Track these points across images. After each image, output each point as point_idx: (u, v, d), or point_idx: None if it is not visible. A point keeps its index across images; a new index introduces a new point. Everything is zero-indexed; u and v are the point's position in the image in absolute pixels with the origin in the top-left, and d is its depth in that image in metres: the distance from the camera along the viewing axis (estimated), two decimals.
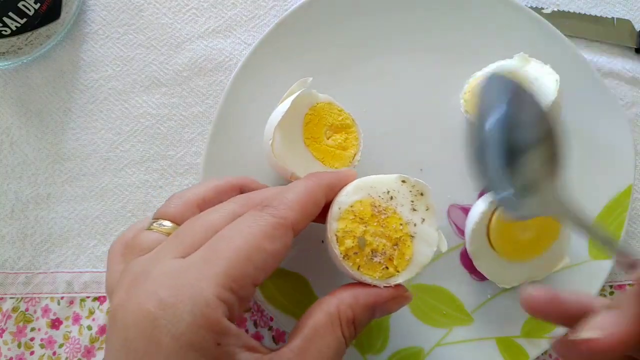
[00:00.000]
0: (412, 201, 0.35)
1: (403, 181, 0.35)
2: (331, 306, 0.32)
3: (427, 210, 0.35)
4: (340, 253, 0.33)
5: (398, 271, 0.34)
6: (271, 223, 0.30)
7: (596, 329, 0.25)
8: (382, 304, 0.34)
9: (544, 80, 0.40)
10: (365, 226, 0.34)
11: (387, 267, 0.34)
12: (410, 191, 0.35)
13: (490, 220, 0.39)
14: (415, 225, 0.35)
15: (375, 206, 0.34)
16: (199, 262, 0.29)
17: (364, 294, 0.33)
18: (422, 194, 0.35)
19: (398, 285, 0.34)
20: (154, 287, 0.28)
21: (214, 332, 0.27)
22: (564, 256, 0.41)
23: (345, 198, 0.34)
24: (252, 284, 0.30)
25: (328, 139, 0.40)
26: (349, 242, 0.33)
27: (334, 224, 0.34)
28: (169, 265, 0.30)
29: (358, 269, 0.33)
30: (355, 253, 0.33)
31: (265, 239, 0.30)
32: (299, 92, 0.38)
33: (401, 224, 0.34)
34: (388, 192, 0.35)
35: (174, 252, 0.30)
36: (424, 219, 0.35)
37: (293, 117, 0.39)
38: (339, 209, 0.34)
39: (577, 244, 0.43)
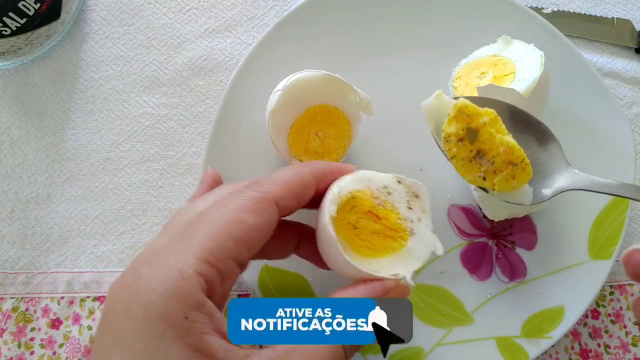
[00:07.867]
0: (408, 200, 0.34)
1: (399, 182, 0.35)
2: None
3: (422, 212, 0.34)
4: (336, 236, 0.32)
5: (401, 245, 0.33)
6: (251, 197, 0.30)
7: None
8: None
9: (528, 57, 0.40)
10: (361, 216, 0.33)
11: (387, 236, 0.33)
12: (406, 192, 0.35)
13: None
14: (412, 222, 0.34)
15: (375, 197, 0.34)
16: (178, 239, 0.29)
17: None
18: (417, 196, 0.35)
19: (388, 279, 0.32)
20: (136, 264, 0.29)
21: (183, 304, 0.27)
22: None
23: (344, 184, 0.33)
24: (233, 258, 0.29)
25: (316, 137, 0.40)
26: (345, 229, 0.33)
27: (332, 207, 0.32)
28: (154, 244, 0.31)
29: (356, 248, 0.33)
30: (355, 227, 0.33)
31: (244, 212, 0.30)
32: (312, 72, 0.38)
33: (400, 219, 0.34)
34: (385, 187, 0.34)
35: (161, 236, 0.31)
36: (420, 219, 0.34)
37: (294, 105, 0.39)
38: (339, 192, 0.33)
39: (577, 244, 0.43)
